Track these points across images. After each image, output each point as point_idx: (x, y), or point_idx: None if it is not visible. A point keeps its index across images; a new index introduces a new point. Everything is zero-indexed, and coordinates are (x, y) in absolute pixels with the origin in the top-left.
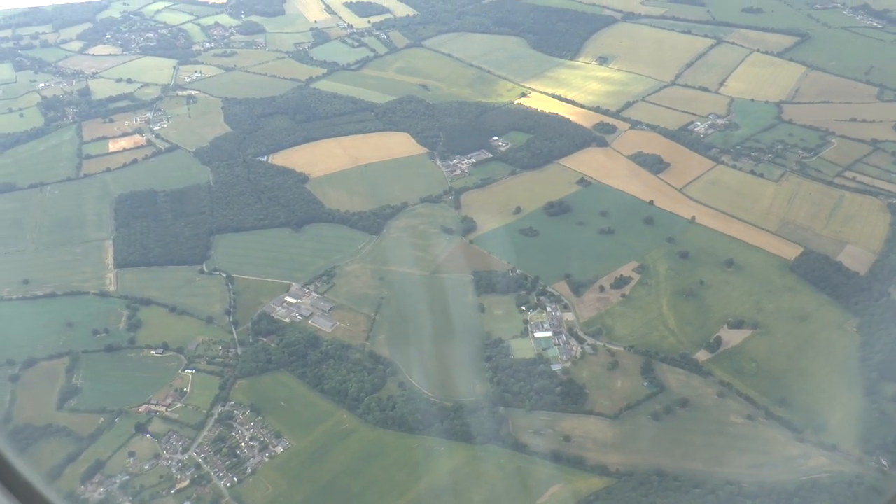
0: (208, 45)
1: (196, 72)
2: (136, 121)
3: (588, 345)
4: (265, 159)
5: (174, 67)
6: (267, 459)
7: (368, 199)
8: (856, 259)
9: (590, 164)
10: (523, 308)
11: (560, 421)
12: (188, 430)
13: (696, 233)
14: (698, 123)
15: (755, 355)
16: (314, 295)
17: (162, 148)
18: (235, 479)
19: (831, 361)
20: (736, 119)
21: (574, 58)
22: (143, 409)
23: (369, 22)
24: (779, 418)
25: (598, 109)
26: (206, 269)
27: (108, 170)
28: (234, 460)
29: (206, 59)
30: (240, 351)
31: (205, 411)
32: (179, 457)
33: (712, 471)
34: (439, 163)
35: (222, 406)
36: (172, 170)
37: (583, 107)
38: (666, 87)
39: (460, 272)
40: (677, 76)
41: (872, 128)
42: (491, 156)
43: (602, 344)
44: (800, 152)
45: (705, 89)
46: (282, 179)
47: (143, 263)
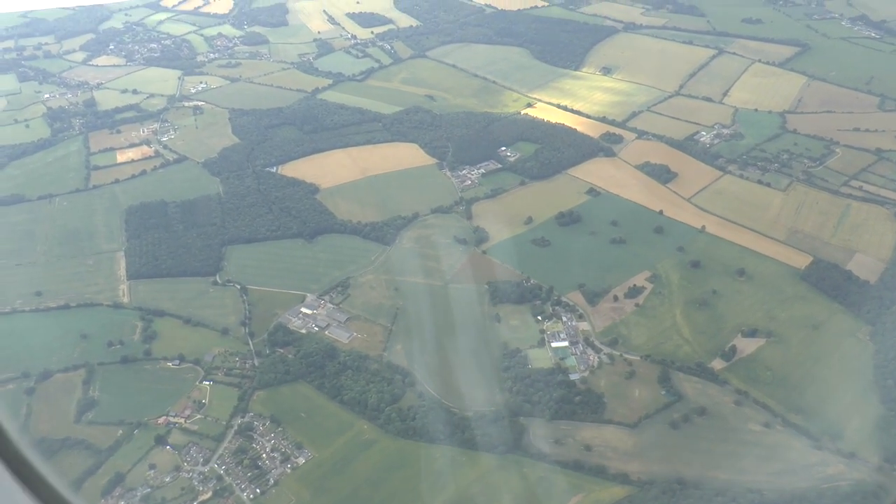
0: (212, 55)
1: (201, 83)
2: (143, 132)
3: (604, 354)
4: (274, 170)
5: (179, 78)
6: (289, 470)
7: (379, 210)
8: (865, 268)
9: (598, 174)
10: (539, 318)
11: (580, 430)
12: (208, 441)
13: (707, 242)
14: (704, 133)
15: (770, 364)
16: (329, 306)
17: (170, 159)
18: (258, 490)
19: (846, 369)
20: (741, 129)
21: (578, 68)
22: (161, 420)
23: (372, 33)
24: (796, 426)
25: (603, 120)
26: (219, 281)
27: (116, 181)
28: (256, 471)
29: (211, 70)
30: (257, 362)
31: (224, 423)
32: (201, 468)
33: (733, 479)
34: (448, 173)
35: (242, 417)
36: (182, 181)
37: (588, 117)
38: (670, 97)
39: (474, 282)
40: (681, 86)
41: (876, 137)
42: (500, 166)
43: (618, 353)
44: (805, 162)
45: (709, 99)
46: (292, 190)
47: (156, 275)
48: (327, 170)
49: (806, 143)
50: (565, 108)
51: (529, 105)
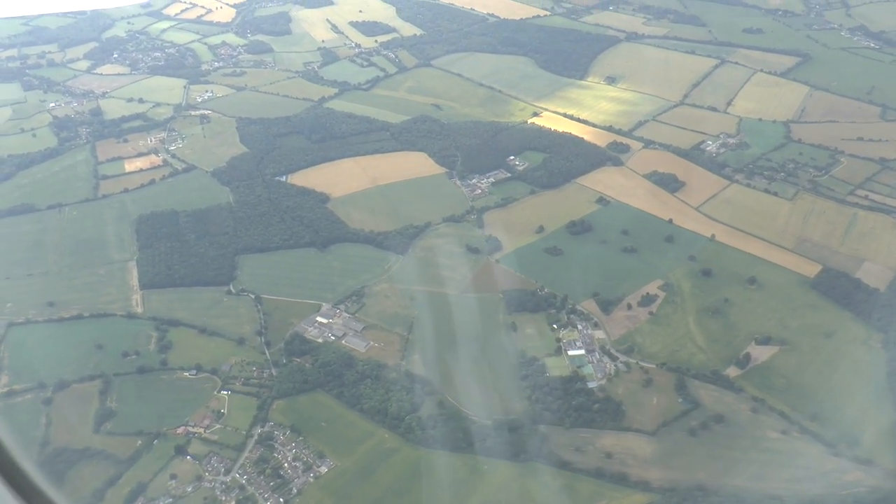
0: (217, 64)
1: (207, 91)
2: (151, 141)
3: (621, 362)
4: (284, 179)
5: (184, 87)
6: (312, 480)
7: (391, 219)
8: (874, 276)
9: (607, 183)
10: (554, 327)
11: (600, 438)
12: (229, 451)
13: (717, 251)
14: (710, 142)
15: (784, 371)
16: (345, 315)
17: (179, 168)
18: (281, 500)
19: (860, 377)
20: (746, 138)
21: (582, 77)
22: (180, 430)
23: (376, 41)
24: (812, 433)
25: (610, 129)
26: (233, 290)
27: (125, 190)
28: (279, 481)
29: (216, 79)
30: (274, 371)
31: (244, 432)
32: (222, 478)
33: (752, 485)
34: (458, 182)
35: (262, 427)
36: (191, 190)
37: (595, 126)
38: (675, 106)
39: (489, 291)
40: (685, 96)
41: (879, 147)
42: (509, 175)
43: (634, 361)
44: (811, 171)
45: (713, 109)
46: (303, 199)
47: (169, 284)
48: (337, 179)
49: (811, 152)
50: (572, 118)
51: (536, 114)
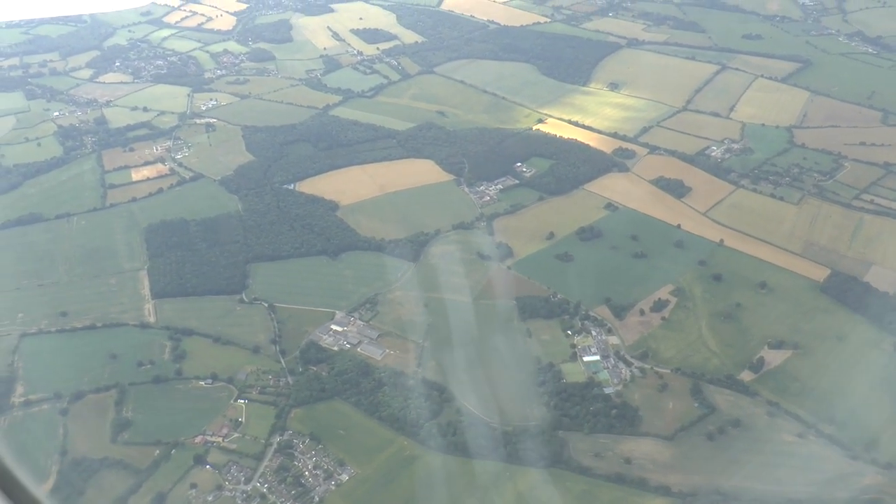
0: (220, 72)
1: (211, 99)
2: (157, 149)
3: (636, 368)
4: (292, 187)
5: (188, 95)
6: (333, 487)
7: (401, 227)
8: (883, 279)
9: (614, 189)
10: (569, 332)
11: (618, 443)
12: (248, 460)
13: (726, 255)
14: (714, 148)
15: (798, 375)
16: (360, 323)
17: (186, 177)
18: None
19: (874, 380)
20: (750, 144)
21: (585, 84)
22: (198, 440)
23: (378, 49)
24: (829, 436)
25: (615, 135)
26: (245, 299)
27: (133, 199)
28: (300, 489)
29: (220, 87)
30: (291, 380)
31: (263, 441)
32: (243, 487)
33: (771, 489)
34: (467, 189)
35: (280, 435)
36: (200, 199)
37: (600, 132)
38: (678, 112)
39: (502, 298)
40: (688, 102)
41: (882, 151)
42: (517, 182)
43: (649, 367)
44: (815, 176)
45: (716, 114)
46: (312, 207)
47: (181, 293)
48: (346, 186)
49: (814, 157)
50: (576, 124)
51: (541, 121)
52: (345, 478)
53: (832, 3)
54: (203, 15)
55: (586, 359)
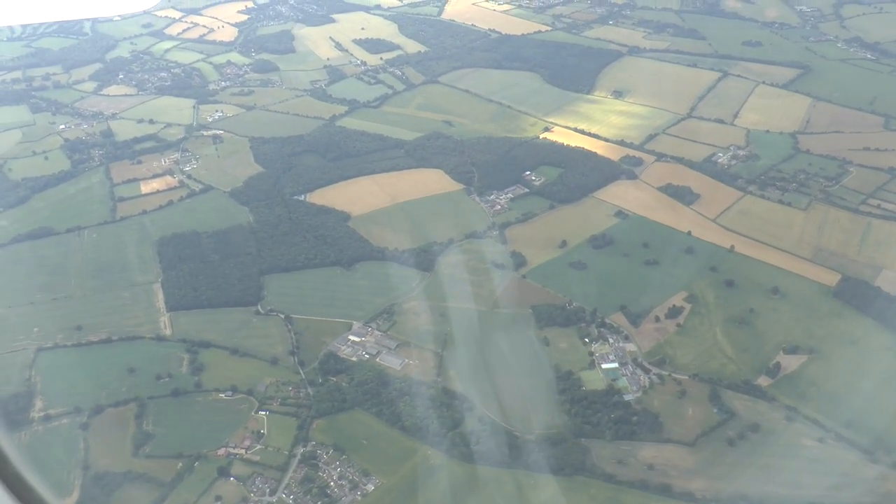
0: (224, 83)
1: (217, 111)
2: (165, 162)
3: (654, 374)
4: (303, 198)
5: (194, 107)
6: (359, 498)
7: (413, 237)
8: (894, 284)
9: (623, 196)
10: (586, 340)
11: (640, 450)
12: (272, 471)
13: (737, 262)
14: (720, 155)
15: (815, 379)
16: (377, 333)
17: (196, 189)
18: None
19: (891, 383)
20: (755, 150)
21: (589, 92)
22: (221, 452)
23: (381, 59)
24: (848, 440)
25: (621, 143)
26: (261, 310)
27: (144, 212)
28: (326, 500)
29: (225, 98)
30: (311, 391)
31: (286, 452)
32: (268, 499)
33: (795, 494)
34: (477, 198)
35: (303, 446)
36: (210, 211)
37: (607, 140)
38: (682, 119)
39: (518, 306)
40: (691, 109)
41: (886, 156)
42: (527, 191)
43: (667, 373)
44: (822, 181)
45: (721, 121)
46: (324, 218)
47: (196, 306)
48: (356, 197)
49: (820, 162)
50: (583, 132)
51: (547, 129)
52: (370, 488)
53: (829, 10)
54: (204, 26)
55: (605, 366)
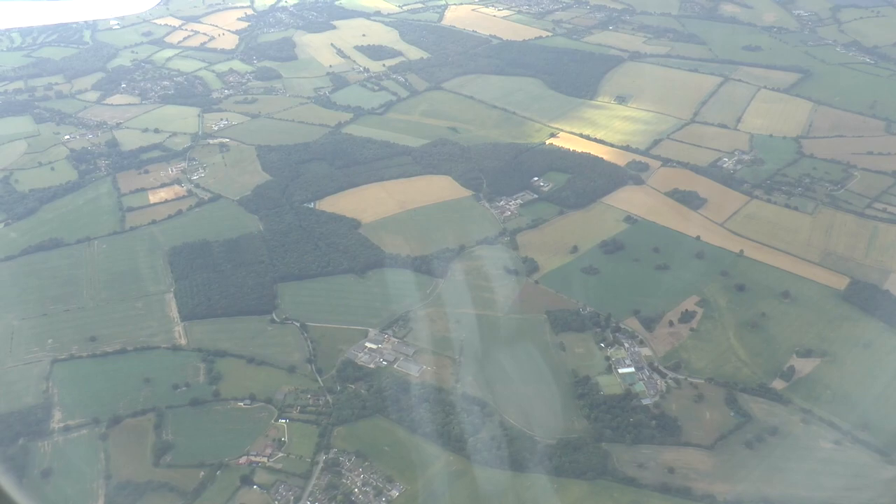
0: (227, 92)
1: (222, 119)
2: (172, 171)
3: (670, 378)
4: (312, 206)
5: (198, 115)
6: None
7: (425, 243)
8: None
9: (631, 202)
10: (602, 345)
11: (660, 453)
12: (295, 479)
13: (747, 266)
14: (725, 159)
15: (829, 382)
16: (394, 340)
17: (205, 198)
18: None
19: None
20: (760, 154)
21: (593, 97)
22: (243, 460)
23: (384, 65)
24: (865, 442)
25: (627, 148)
26: (276, 319)
27: (153, 222)
28: None
29: (228, 107)
30: (330, 399)
31: (308, 460)
32: None
33: (814, 496)
34: (487, 204)
35: (326, 454)
36: (220, 219)
37: (612, 146)
38: (686, 124)
39: (533, 312)
40: (695, 114)
41: (890, 160)
42: (536, 196)
43: (683, 377)
44: (827, 185)
45: (724, 126)
46: (335, 226)
47: (210, 315)
48: (365, 204)
49: (824, 167)
50: (588, 138)
51: (553, 135)
52: (395, 494)
53: (827, 14)
54: (205, 34)
55: (621, 371)
